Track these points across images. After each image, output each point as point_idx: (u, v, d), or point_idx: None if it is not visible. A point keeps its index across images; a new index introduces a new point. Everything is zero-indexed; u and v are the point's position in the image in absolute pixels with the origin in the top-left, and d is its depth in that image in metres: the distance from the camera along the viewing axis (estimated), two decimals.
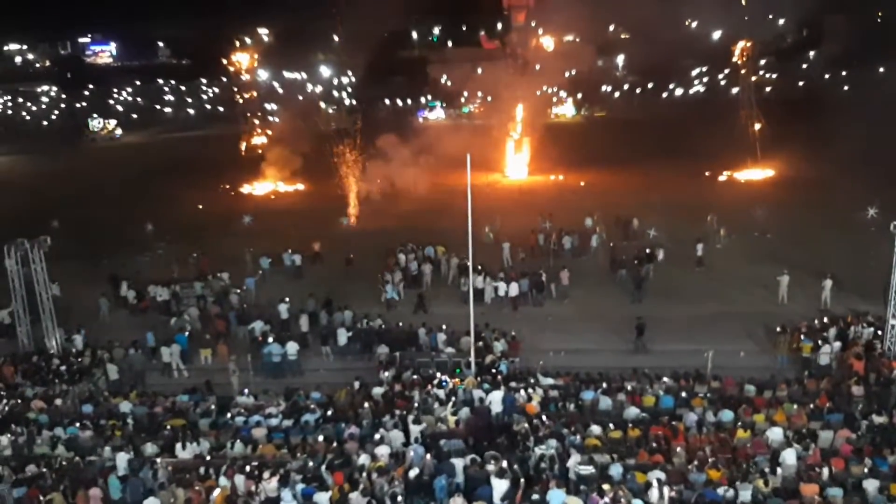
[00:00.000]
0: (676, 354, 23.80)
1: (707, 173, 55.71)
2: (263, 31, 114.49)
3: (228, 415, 20.51)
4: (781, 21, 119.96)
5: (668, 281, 31.86)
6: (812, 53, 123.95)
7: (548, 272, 31.70)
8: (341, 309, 28.09)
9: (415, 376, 22.45)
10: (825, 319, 25.91)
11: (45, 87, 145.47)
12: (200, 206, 52.17)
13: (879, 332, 24.22)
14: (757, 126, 57.77)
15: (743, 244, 36.97)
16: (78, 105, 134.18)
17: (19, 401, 21.86)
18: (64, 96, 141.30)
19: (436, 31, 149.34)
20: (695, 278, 32.85)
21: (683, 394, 20.56)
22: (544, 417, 19.17)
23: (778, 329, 24.92)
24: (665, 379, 21.49)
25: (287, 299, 28.79)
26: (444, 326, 25.88)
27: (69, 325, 27.33)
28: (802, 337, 24.41)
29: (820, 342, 23.89)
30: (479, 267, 29.92)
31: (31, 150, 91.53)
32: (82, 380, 23.69)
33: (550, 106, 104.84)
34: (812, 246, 35.50)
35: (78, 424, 19.96)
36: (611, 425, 18.96)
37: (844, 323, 25.37)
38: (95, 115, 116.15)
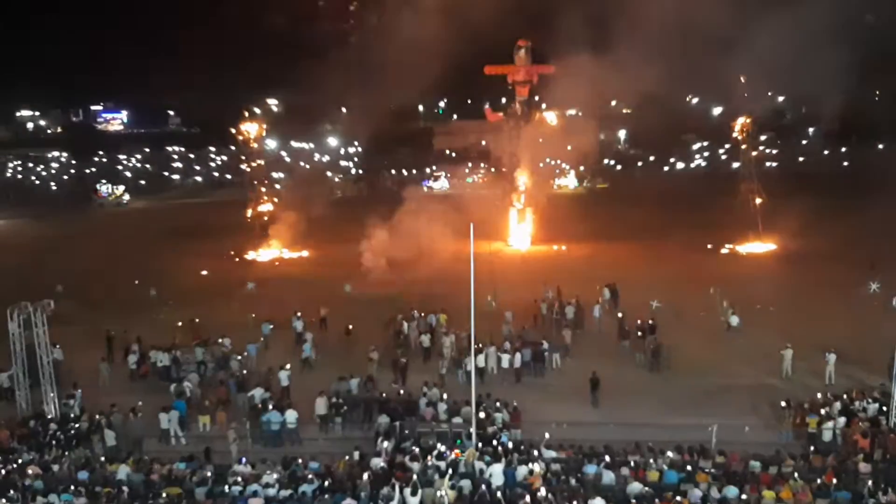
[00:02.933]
0: (680, 428, 23.46)
1: (710, 246, 55.99)
2: (273, 102, 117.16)
3: (225, 484, 20.20)
4: (781, 98, 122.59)
5: (671, 352, 31.65)
6: (811, 130, 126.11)
7: (550, 341, 31.67)
8: (345, 378, 27.93)
9: (414, 447, 22.15)
10: (829, 394, 25.66)
11: (56, 153, 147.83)
12: (205, 272, 52.40)
13: (884, 408, 23.96)
14: (758, 200, 58.36)
15: (746, 317, 36.86)
16: (87, 171, 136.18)
17: (14, 466, 21.57)
18: (74, 162, 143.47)
19: (441, 104, 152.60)
20: (698, 350, 32.65)
21: (688, 468, 20.24)
22: (543, 490, 18.86)
23: (782, 404, 24.67)
24: (669, 453, 21.16)
25: (288, 366, 28.65)
26: (444, 396, 25.66)
27: (68, 390, 27.17)
28: (807, 411, 24.17)
29: (824, 417, 23.63)
30: (480, 345, 29.59)
31: (39, 215, 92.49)
32: (79, 445, 23.41)
33: (553, 177, 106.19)
34: (815, 320, 35.37)
35: (73, 489, 19.66)
36: None
37: (849, 398, 25.12)
38: (104, 181, 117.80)
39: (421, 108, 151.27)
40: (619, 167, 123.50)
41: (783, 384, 28.35)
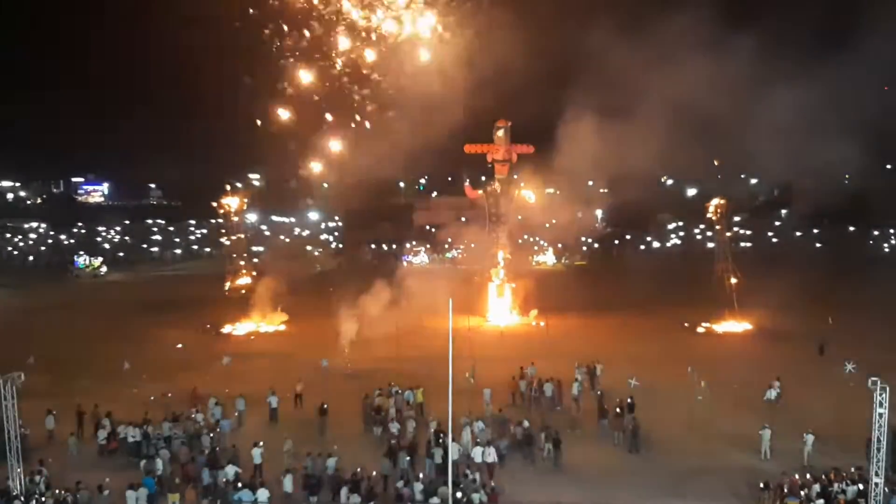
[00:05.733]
0: None
1: (686, 324, 56.34)
2: (254, 176, 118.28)
3: None
4: (754, 181, 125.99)
5: (649, 432, 31.47)
6: (784, 212, 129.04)
7: (532, 420, 31.16)
8: (322, 455, 27.38)
9: None
10: (808, 475, 25.53)
11: (35, 224, 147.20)
12: (180, 346, 51.77)
13: (862, 488, 23.87)
14: (733, 280, 59.07)
15: (724, 396, 36.86)
16: (66, 242, 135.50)
17: None
18: (52, 233, 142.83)
19: (422, 180, 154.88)
20: (676, 430, 32.47)
21: None
22: None
23: (761, 485, 24.52)
24: None
25: (261, 443, 28.13)
26: (420, 475, 25.23)
27: (34, 465, 26.43)
28: (786, 494, 24.00)
29: (804, 499, 23.47)
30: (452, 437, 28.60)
31: (14, 285, 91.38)
32: None
33: (532, 253, 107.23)
34: (792, 400, 35.42)
35: None
36: None
37: (828, 479, 25.01)
38: (82, 253, 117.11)
39: (402, 184, 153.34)
40: (596, 245, 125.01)
41: (762, 465, 28.17)
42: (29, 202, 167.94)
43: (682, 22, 53.01)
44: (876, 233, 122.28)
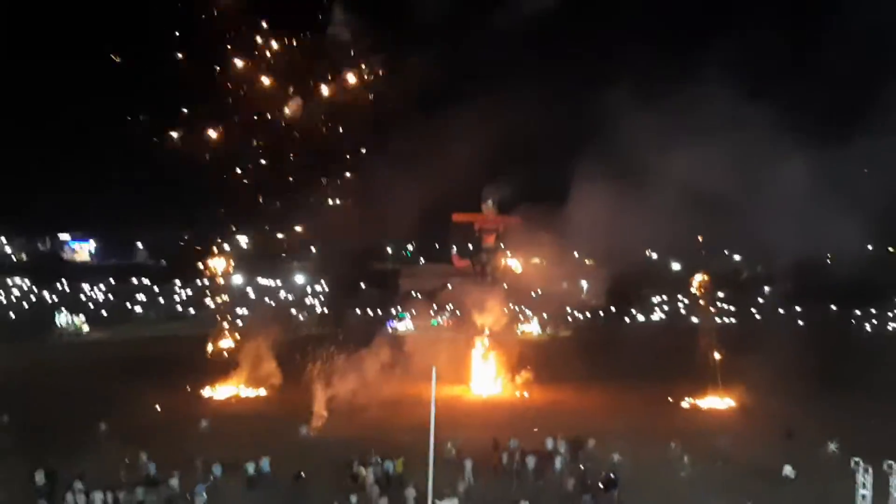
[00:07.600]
0: None
1: (670, 399, 56.07)
2: (242, 238, 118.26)
3: None
4: (737, 257, 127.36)
5: None
6: (767, 289, 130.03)
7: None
8: None
9: None
10: None
11: (18, 280, 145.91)
12: (158, 408, 50.93)
13: None
14: (717, 355, 59.07)
15: (707, 473, 36.51)
16: (49, 300, 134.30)
17: None
18: (35, 289, 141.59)
19: (409, 247, 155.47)
20: None
21: None
22: None
23: None
24: None
25: None
26: None
27: None
28: None
29: None
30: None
31: None
32: None
33: (517, 323, 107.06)
34: (775, 479, 35.16)
35: None
36: None
37: None
38: (64, 311, 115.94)
39: (389, 249, 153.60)
40: (581, 316, 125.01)
41: None
42: (13, 259, 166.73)
43: (667, 102, 54.64)
44: (858, 313, 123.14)
